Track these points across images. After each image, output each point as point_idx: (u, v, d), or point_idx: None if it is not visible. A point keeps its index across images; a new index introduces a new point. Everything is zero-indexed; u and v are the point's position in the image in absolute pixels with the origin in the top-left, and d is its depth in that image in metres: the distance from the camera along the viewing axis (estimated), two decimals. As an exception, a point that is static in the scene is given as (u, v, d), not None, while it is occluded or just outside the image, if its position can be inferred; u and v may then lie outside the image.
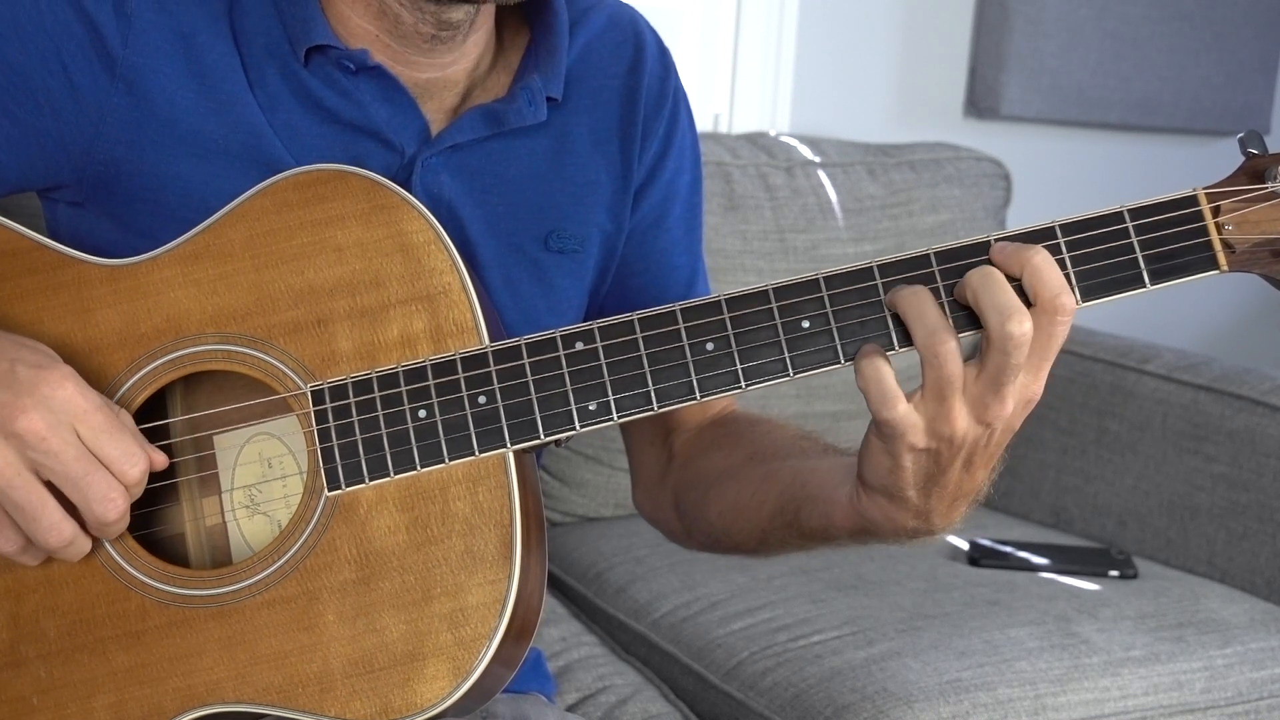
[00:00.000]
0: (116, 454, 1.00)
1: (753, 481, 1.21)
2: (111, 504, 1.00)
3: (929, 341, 0.97)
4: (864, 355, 0.98)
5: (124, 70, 1.12)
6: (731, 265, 2.33)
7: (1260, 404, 2.13)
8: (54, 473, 0.99)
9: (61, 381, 0.99)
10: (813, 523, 1.13)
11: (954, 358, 0.96)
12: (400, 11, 1.15)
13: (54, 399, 0.98)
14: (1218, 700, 1.72)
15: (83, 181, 1.15)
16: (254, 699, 1.02)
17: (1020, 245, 0.98)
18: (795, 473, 1.17)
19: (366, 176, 1.07)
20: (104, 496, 1.00)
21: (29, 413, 0.97)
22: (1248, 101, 3.15)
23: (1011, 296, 0.95)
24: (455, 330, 1.04)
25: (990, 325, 0.96)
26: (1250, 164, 0.99)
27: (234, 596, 1.03)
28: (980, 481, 1.06)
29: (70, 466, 0.98)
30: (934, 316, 0.97)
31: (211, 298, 1.07)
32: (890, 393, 0.97)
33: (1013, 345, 0.95)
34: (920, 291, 0.98)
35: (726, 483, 1.24)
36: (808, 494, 1.13)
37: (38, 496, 0.99)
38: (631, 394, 1.02)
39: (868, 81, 2.89)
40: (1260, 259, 0.98)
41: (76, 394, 0.99)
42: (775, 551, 1.22)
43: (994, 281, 0.96)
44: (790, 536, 1.17)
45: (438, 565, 1.01)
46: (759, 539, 1.21)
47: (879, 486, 1.03)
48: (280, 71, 1.16)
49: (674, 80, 1.33)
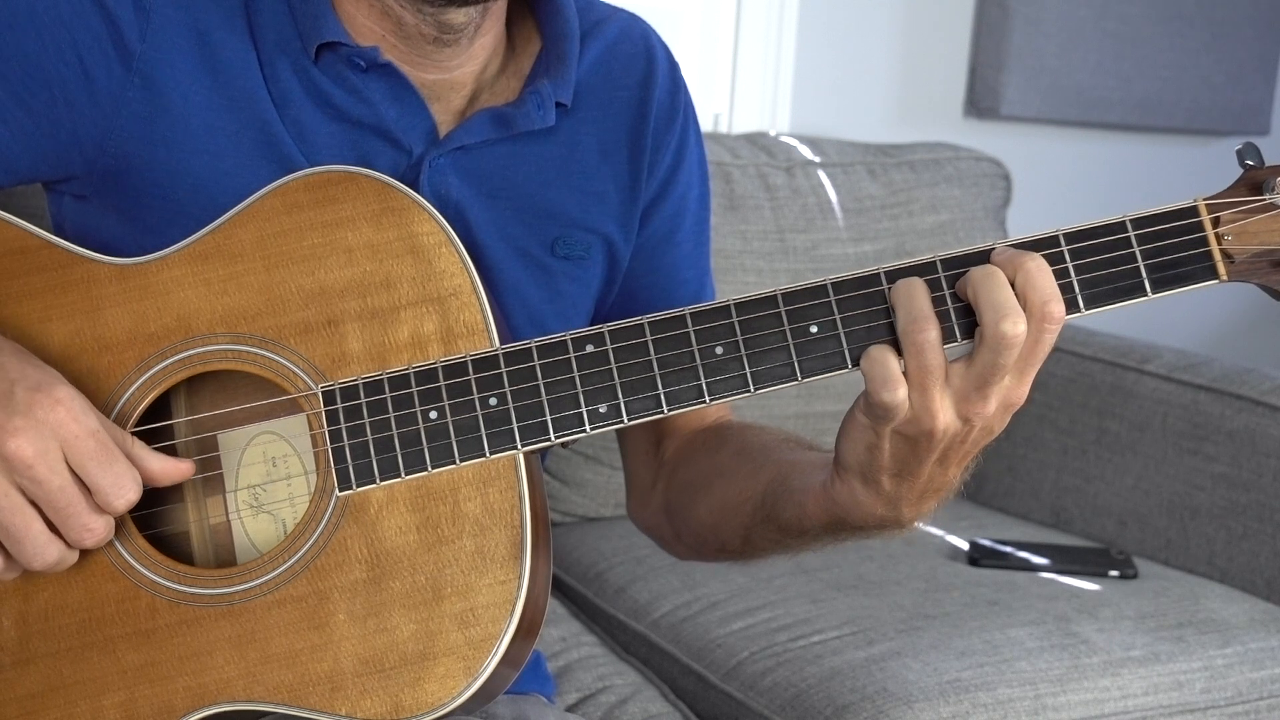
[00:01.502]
0: (105, 484, 1.00)
1: (738, 479, 1.22)
2: (89, 534, 1.00)
3: (909, 328, 0.98)
4: (876, 344, 1.00)
5: (140, 65, 1.13)
6: (731, 265, 2.33)
7: (1260, 404, 2.13)
8: (38, 498, 0.98)
9: (55, 404, 0.99)
10: (788, 514, 1.14)
11: (932, 348, 0.98)
12: (402, 14, 1.15)
13: (47, 422, 0.98)
14: (1218, 700, 1.73)
15: (93, 174, 1.15)
16: (264, 698, 1.02)
17: (1017, 251, 0.99)
18: (778, 466, 1.18)
19: (377, 178, 1.08)
20: (82, 527, 1.00)
21: (19, 436, 0.97)
22: (1248, 101, 3.15)
23: (1009, 296, 0.96)
24: (466, 332, 1.05)
25: (985, 322, 0.97)
26: (1249, 176, 1.01)
27: (244, 595, 1.03)
28: (952, 478, 1.08)
29: (54, 497, 0.98)
30: (920, 305, 0.98)
31: (222, 298, 1.07)
32: (894, 376, 0.98)
33: (1004, 345, 0.96)
34: (914, 282, 0.99)
35: (714, 481, 1.25)
36: (786, 486, 1.15)
37: (23, 520, 0.98)
38: (641, 397, 1.02)
39: (868, 81, 2.89)
40: (1259, 269, 0.99)
41: (69, 418, 0.99)
42: (759, 550, 1.23)
43: (995, 280, 0.97)
44: (770, 531, 1.18)
45: (448, 565, 1.01)
46: (743, 537, 1.22)
47: (854, 466, 1.04)
48: (292, 67, 1.16)
49: (684, 95, 1.34)
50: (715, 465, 1.27)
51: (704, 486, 1.26)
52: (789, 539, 1.17)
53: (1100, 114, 3.02)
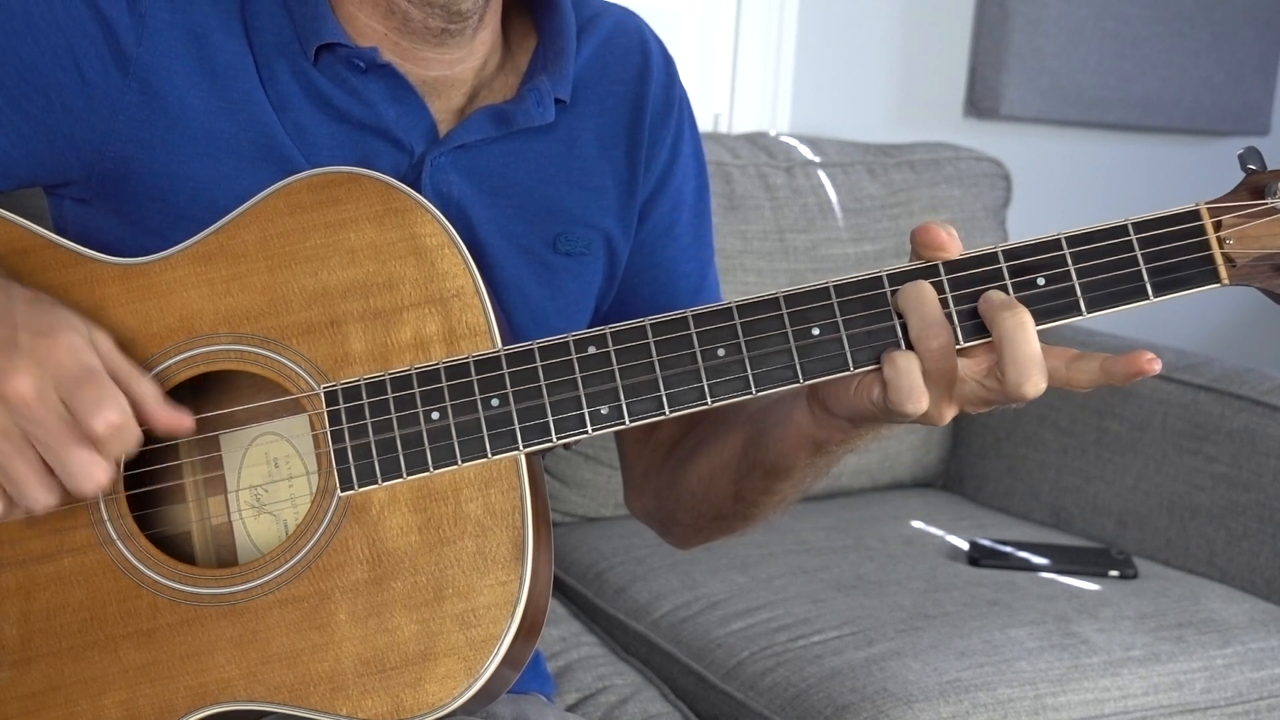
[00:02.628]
0: (81, 405, 0.97)
1: (717, 443, 1.23)
2: (90, 479, 0.98)
3: (923, 334, 0.99)
4: (896, 349, 1.00)
5: (137, 68, 1.13)
6: (731, 265, 2.33)
7: (1260, 404, 2.13)
8: (37, 440, 0.97)
9: (55, 346, 0.98)
10: (770, 455, 1.15)
11: (946, 354, 0.99)
12: (408, 9, 1.15)
13: (48, 363, 0.97)
14: (1218, 700, 1.73)
15: (92, 178, 1.15)
16: (265, 697, 1.02)
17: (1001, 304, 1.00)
18: (750, 416, 1.19)
19: (380, 179, 1.08)
20: (83, 471, 0.97)
21: (17, 376, 0.96)
22: (1248, 101, 3.15)
23: (1036, 349, 0.98)
24: (468, 333, 1.05)
25: (1008, 381, 0.99)
26: (1250, 180, 1.01)
27: (246, 595, 1.04)
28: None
29: (52, 436, 0.97)
30: (932, 311, 0.99)
31: (225, 298, 1.07)
32: (919, 388, 0.99)
33: (1024, 398, 0.99)
34: (922, 285, 1.00)
35: (698, 451, 1.26)
36: (762, 429, 1.16)
37: (23, 461, 0.97)
38: (643, 398, 1.02)
39: (868, 81, 2.90)
40: (1260, 273, 1.00)
41: (69, 357, 0.98)
42: (752, 506, 1.23)
43: (1026, 329, 0.98)
44: (757, 480, 1.19)
45: (450, 566, 1.02)
46: (734, 495, 1.22)
47: (852, 417, 1.06)
48: (290, 69, 1.16)
49: (679, 89, 1.35)
50: (696, 435, 1.28)
51: (689, 459, 1.27)
52: (778, 483, 1.18)
53: (1100, 114, 3.02)
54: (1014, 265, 1.01)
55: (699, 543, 1.38)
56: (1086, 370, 1.00)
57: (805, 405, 1.09)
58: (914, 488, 2.59)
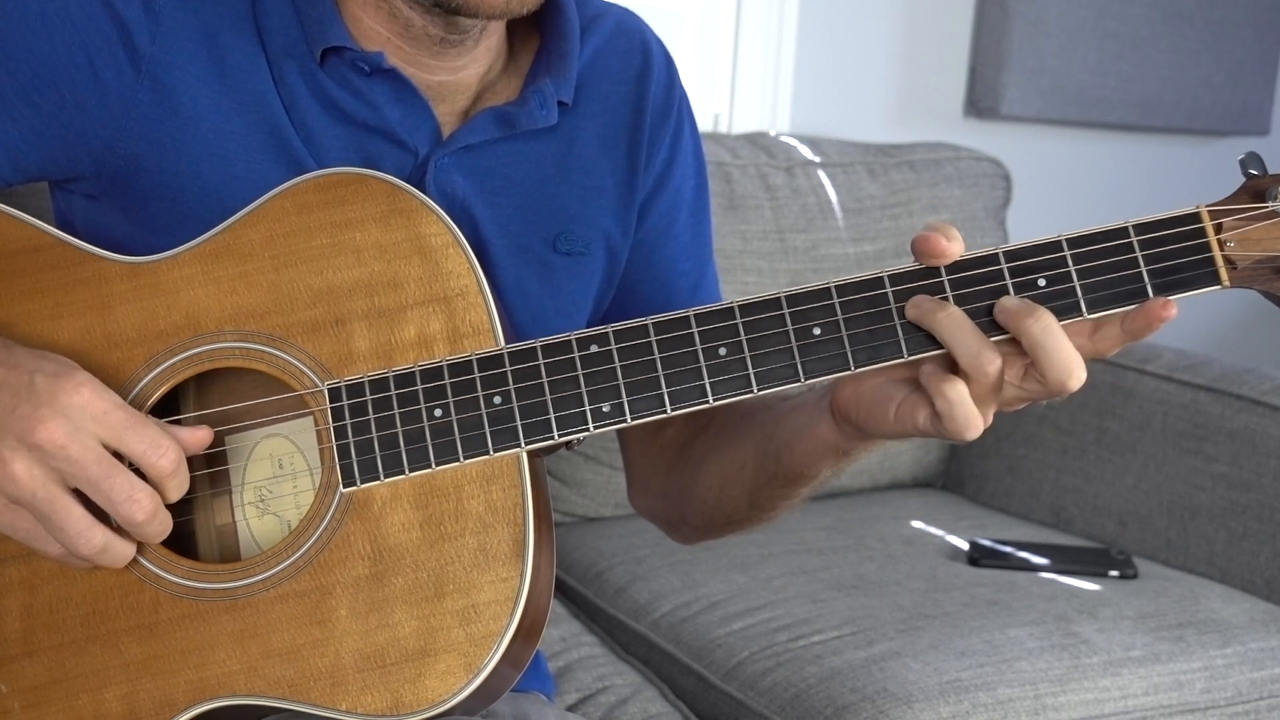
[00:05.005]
0: (143, 447, 1.00)
1: (728, 450, 1.23)
2: (136, 504, 1.00)
3: (975, 362, 0.99)
4: (944, 379, 1.00)
5: (150, 67, 1.13)
6: (731, 265, 2.33)
7: (1260, 404, 2.14)
8: (78, 479, 0.99)
9: (78, 388, 0.99)
10: (791, 465, 1.15)
11: (997, 374, 0.99)
12: (410, 15, 1.16)
13: (72, 406, 0.99)
14: (1218, 700, 1.73)
15: (102, 175, 1.16)
16: (265, 692, 1.02)
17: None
18: (763, 424, 1.19)
19: (386, 180, 1.08)
20: (128, 497, 0.99)
21: (48, 422, 0.97)
22: (1248, 101, 3.16)
23: (1071, 348, 0.98)
24: (471, 331, 1.05)
25: (1049, 380, 0.99)
26: (1251, 184, 1.02)
27: (247, 590, 1.04)
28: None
29: (90, 470, 0.98)
30: (977, 339, 0.99)
31: (231, 296, 1.08)
32: (975, 415, 1.00)
33: (1065, 393, 0.99)
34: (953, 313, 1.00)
35: (708, 458, 1.26)
36: (784, 442, 1.16)
37: (62, 505, 0.99)
38: (645, 396, 1.03)
39: (868, 81, 2.90)
40: (1261, 275, 1.00)
41: (94, 397, 1.00)
42: (765, 511, 1.24)
43: (1053, 331, 0.98)
44: (776, 487, 1.19)
45: (451, 562, 1.02)
46: (749, 502, 1.23)
47: (891, 438, 1.07)
48: (299, 71, 1.17)
49: (679, 89, 1.35)
50: (705, 443, 1.28)
51: (700, 465, 1.27)
52: (798, 488, 1.19)
53: (1100, 114, 3.02)
54: (1015, 266, 1.01)
55: (704, 540, 1.38)
56: (1109, 336, 1.00)
57: (830, 421, 1.09)
58: (914, 488, 2.59)
